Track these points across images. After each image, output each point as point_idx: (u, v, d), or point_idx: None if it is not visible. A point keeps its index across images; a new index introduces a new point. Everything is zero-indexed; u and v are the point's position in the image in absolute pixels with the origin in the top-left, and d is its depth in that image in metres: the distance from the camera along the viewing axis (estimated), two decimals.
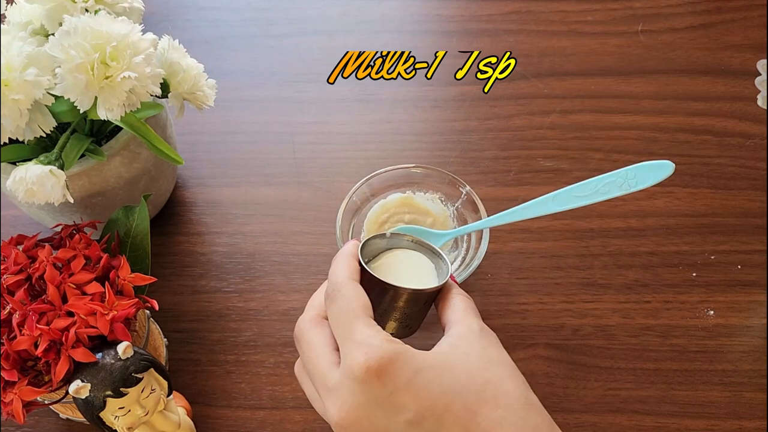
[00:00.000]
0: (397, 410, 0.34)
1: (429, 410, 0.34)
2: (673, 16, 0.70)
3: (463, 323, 0.38)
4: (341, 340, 0.36)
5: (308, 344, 0.38)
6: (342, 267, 0.39)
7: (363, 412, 0.34)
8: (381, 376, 0.34)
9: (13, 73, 0.39)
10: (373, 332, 0.35)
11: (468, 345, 0.37)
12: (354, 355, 0.34)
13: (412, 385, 0.34)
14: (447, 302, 0.40)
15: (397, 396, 0.34)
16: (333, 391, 0.35)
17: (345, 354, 0.35)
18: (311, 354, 0.37)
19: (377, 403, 0.34)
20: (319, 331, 0.38)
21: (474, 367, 0.36)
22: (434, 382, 0.34)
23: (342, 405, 0.34)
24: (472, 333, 0.38)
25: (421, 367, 0.35)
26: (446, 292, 0.40)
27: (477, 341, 0.37)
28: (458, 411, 0.34)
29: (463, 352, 0.36)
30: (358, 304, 0.37)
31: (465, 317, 0.39)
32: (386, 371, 0.34)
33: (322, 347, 0.37)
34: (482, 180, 0.59)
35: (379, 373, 0.34)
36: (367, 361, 0.34)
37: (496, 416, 0.34)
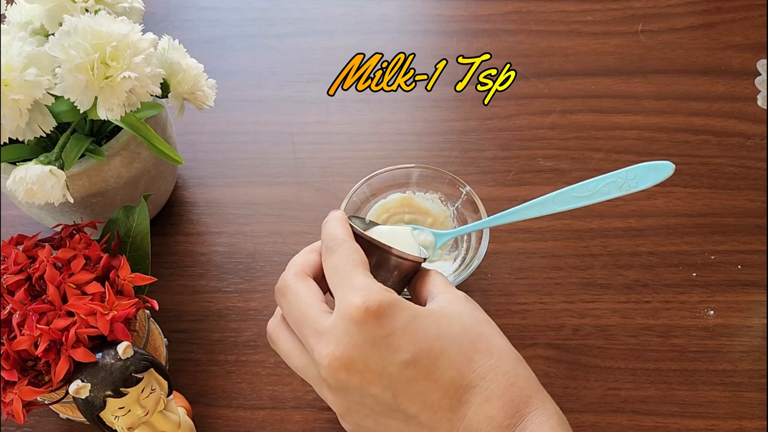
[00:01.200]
0: (393, 350, 0.34)
1: (426, 352, 0.34)
2: (673, 16, 0.70)
3: (447, 293, 0.39)
4: (337, 286, 0.36)
5: (295, 295, 0.37)
6: (338, 226, 0.40)
7: (358, 351, 0.34)
8: (379, 318, 0.34)
9: (13, 73, 0.39)
10: (371, 281, 0.36)
11: (458, 306, 0.37)
12: (351, 297, 0.35)
13: (409, 327, 0.34)
14: (426, 278, 0.40)
15: (393, 337, 0.34)
16: (325, 334, 0.35)
17: (341, 298, 0.35)
18: (299, 302, 0.37)
19: (373, 343, 0.34)
20: (307, 284, 0.38)
21: (467, 321, 0.36)
22: (431, 327, 0.35)
23: (337, 345, 0.34)
24: (459, 299, 0.38)
25: (419, 314, 0.35)
26: (423, 272, 0.41)
27: (465, 304, 0.38)
28: (454, 355, 0.34)
29: (455, 311, 0.37)
30: (358, 257, 0.37)
31: (447, 289, 0.39)
32: (384, 314, 0.34)
33: (311, 296, 0.37)
34: (482, 180, 0.59)
35: (377, 314, 0.34)
36: (365, 302, 0.34)
37: (490, 364, 0.35)
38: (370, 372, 0.34)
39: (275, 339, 0.40)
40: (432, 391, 0.34)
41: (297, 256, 0.41)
